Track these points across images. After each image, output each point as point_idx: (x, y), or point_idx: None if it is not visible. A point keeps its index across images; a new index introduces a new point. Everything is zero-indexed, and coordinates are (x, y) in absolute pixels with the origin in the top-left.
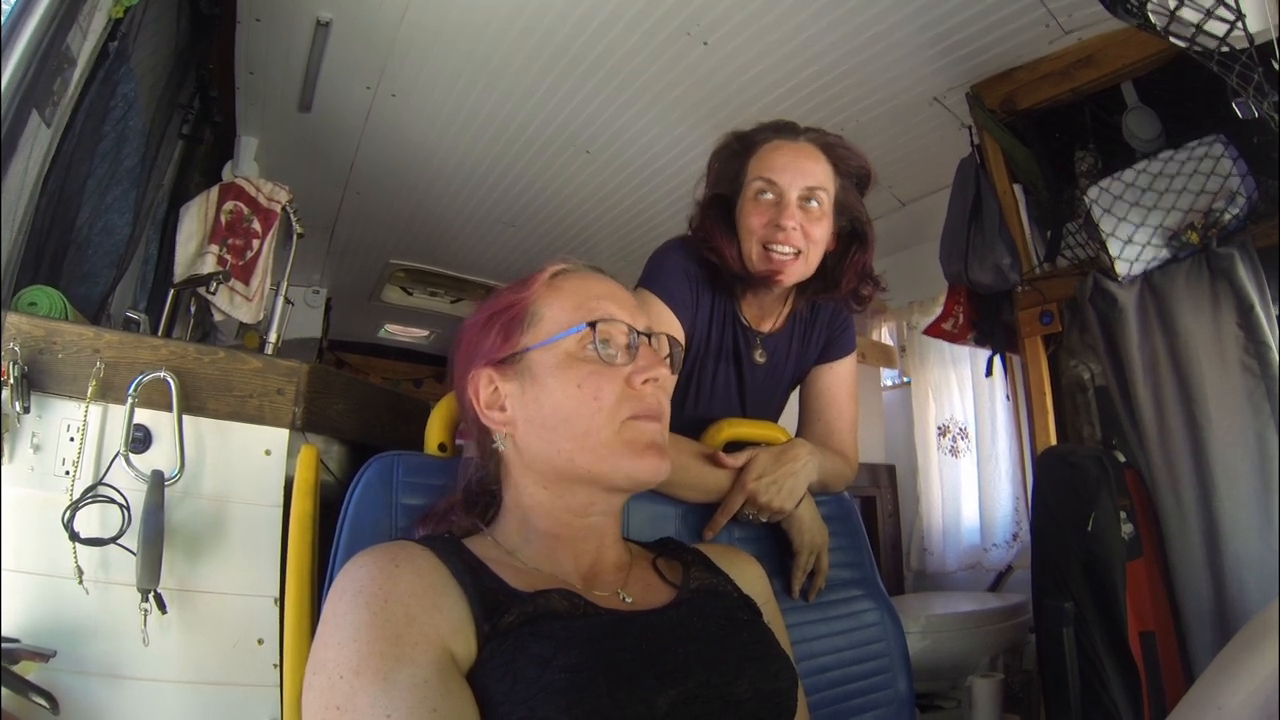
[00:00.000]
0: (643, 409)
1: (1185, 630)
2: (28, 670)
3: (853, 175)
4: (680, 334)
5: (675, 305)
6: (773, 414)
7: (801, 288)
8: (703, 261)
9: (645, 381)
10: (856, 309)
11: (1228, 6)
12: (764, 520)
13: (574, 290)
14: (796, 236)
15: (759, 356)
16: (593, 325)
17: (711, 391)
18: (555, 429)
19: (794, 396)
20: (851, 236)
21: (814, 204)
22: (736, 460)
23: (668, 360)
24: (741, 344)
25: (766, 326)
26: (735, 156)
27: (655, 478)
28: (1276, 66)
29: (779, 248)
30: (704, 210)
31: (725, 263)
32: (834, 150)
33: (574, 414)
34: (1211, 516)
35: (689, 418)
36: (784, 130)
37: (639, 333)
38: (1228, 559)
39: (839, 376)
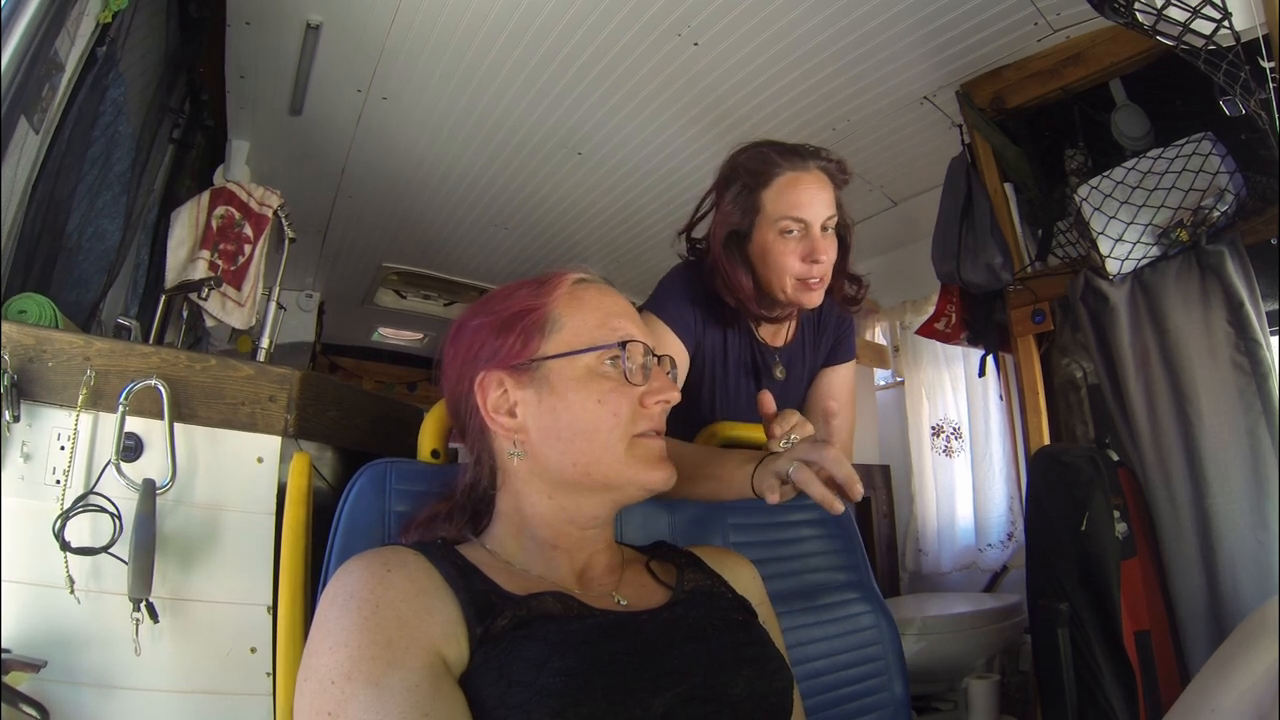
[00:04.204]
0: (651, 425)
1: (1180, 629)
2: (19, 681)
3: (841, 186)
4: (683, 357)
5: (679, 329)
6: None
7: None
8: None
9: (657, 403)
10: (852, 309)
11: (1214, 5)
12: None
13: (596, 304)
14: (827, 265)
15: (779, 373)
16: (623, 345)
17: (735, 405)
18: (572, 441)
19: None
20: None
21: (828, 231)
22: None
23: (671, 378)
24: (760, 361)
25: (781, 341)
26: (746, 190)
27: (666, 486)
28: (1263, 64)
29: (814, 279)
30: (721, 248)
31: (742, 302)
32: (832, 171)
33: (593, 428)
34: (1205, 514)
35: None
36: (793, 156)
37: (654, 355)
38: (1221, 557)
39: (841, 379)
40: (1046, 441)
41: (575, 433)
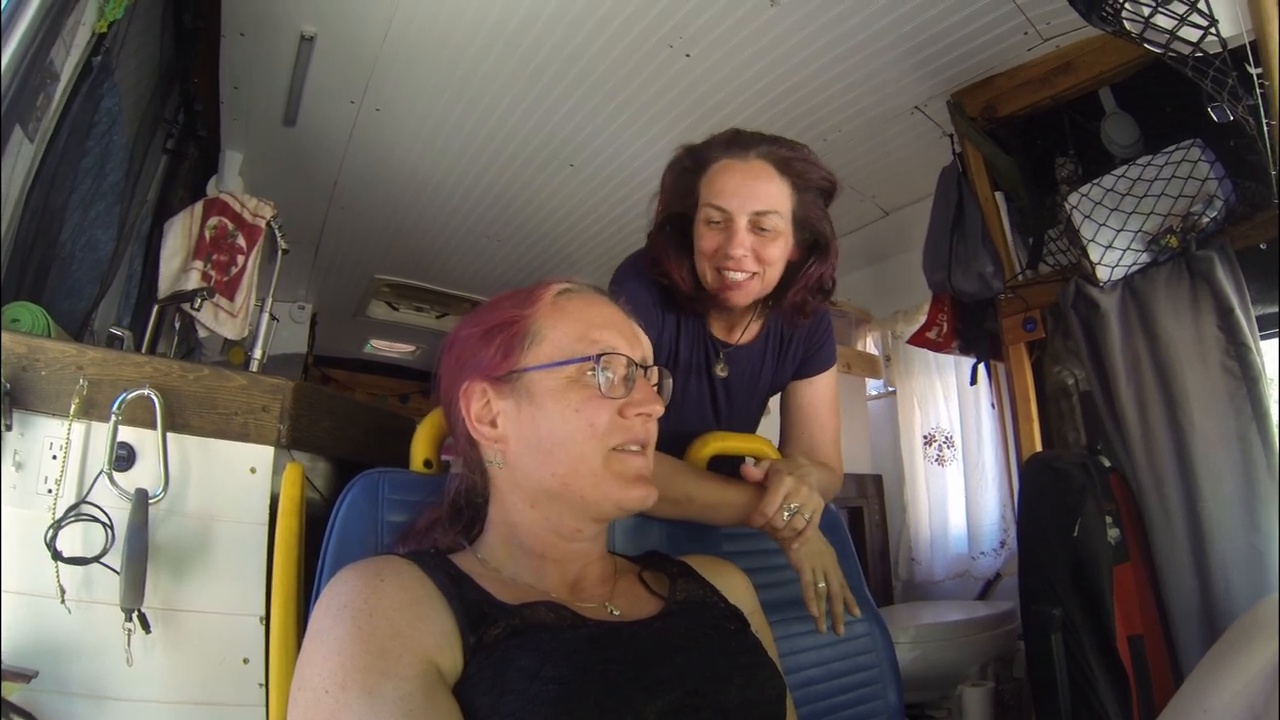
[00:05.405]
0: (629, 438)
1: (1173, 633)
2: (9, 691)
3: (814, 188)
4: (647, 342)
5: (640, 315)
6: (749, 425)
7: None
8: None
9: (638, 415)
10: (801, 321)
11: (1201, 13)
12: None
13: (578, 315)
14: (748, 262)
15: (720, 370)
16: (597, 359)
17: (683, 403)
18: (550, 451)
19: (775, 408)
20: (812, 248)
21: (765, 229)
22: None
23: (656, 388)
24: (707, 354)
25: (735, 338)
26: (687, 173)
27: (642, 506)
28: (1250, 70)
29: (730, 274)
30: (657, 230)
31: (675, 284)
32: (791, 165)
33: (569, 438)
34: (1196, 519)
35: (664, 431)
36: (734, 146)
37: (637, 365)
38: (1213, 560)
39: (819, 391)
40: (1038, 448)
41: (554, 443)
